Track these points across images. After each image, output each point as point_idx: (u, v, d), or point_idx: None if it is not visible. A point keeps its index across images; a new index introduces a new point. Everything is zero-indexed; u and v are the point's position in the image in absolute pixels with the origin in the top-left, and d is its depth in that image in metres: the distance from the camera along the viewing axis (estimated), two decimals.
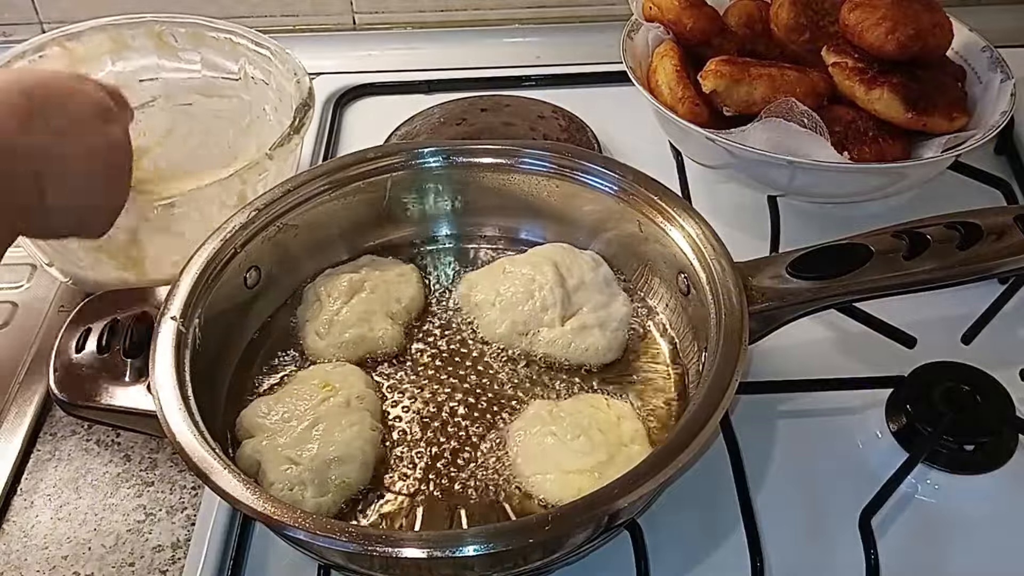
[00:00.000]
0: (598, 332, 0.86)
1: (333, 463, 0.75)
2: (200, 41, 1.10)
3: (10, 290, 1.03)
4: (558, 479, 0.75)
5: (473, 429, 0.81)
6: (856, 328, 0.90)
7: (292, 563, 0.78)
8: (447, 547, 0.63)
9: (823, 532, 0.79)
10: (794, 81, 1.00)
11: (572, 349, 0.86)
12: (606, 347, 0.86)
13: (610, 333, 0.86)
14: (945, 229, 0.82)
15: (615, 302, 0.89)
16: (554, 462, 0.76)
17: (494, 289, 0.90)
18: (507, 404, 0.83)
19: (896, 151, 0.99)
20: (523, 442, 0.78)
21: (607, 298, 0.89)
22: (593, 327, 0.86)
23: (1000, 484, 0.81)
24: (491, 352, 0.88)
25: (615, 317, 0.87)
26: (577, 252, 0.92)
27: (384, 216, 0.95)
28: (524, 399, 0.83)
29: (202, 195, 0.92)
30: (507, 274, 0.90)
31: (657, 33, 1.10)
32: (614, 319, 0.87)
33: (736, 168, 1.02)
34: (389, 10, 1.37)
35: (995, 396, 0.83)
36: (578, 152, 0.93)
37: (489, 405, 0.83)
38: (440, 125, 1.19)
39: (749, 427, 0.85)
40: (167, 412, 0.71)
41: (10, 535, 0.82)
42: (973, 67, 1.07)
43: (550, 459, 0.76)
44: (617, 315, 0.88)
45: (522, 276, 0.89)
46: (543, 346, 0.86)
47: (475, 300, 0.90)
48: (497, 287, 0.90)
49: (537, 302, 0.87)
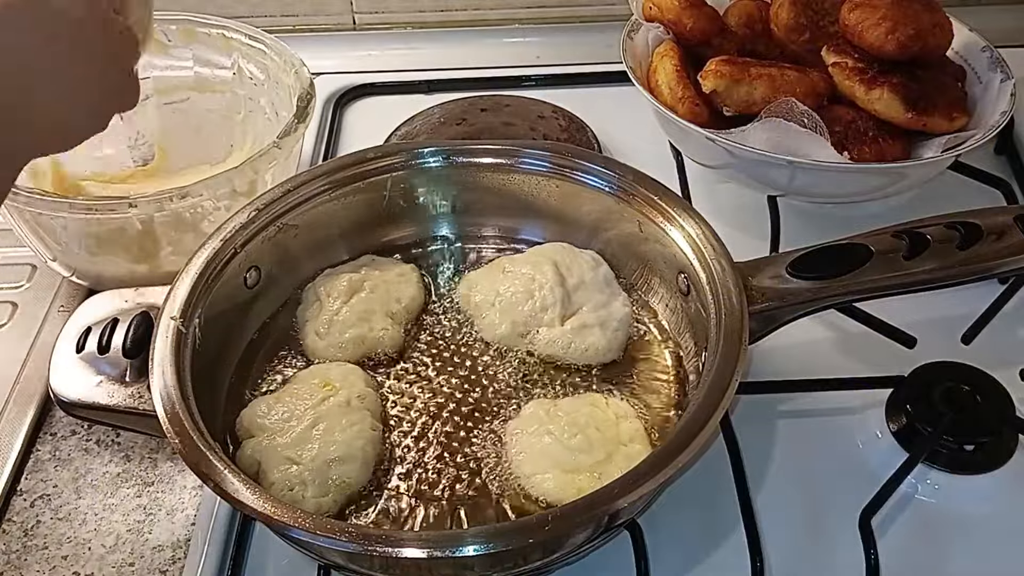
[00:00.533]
0: (598, 332, 0.86)
1: (333, 463, 0.75)
2: (192, 37, 1.10)
3: (10, 290, 1.03)
4: (557, 479, 0.75)
5: (473, 429, 0.81)
6: (856, 328, 0.90)
7: (292, 563, 0.78)
8: (447, 547, 0.63)
9: (823, 532, 0.79)
10: (794, 81, 1.00)
11: (572, 349, 0.86)
12: (606, 347, 0.86)
13: (610, 333, 0.86)
14: (945, 229, 0.82)
15: (615, 302, 0.89)
16: (552, 461, 0.76)
17: (494, 289, 0.90)
18: (507, 404, 0.83)
19: (896, 151, 0.99)
20: (521, 442, 0.78)
21: (607, 298, 0.89)
22: (593, 327, 0.86)
23: (1000, 484, 0.81)
24: (491, 352, 0.88)
25: (615, 317, 0.87)
26: (577, 251, 0.92)
27: (384, 216, 0.95)
28: (524, 399, 0.83)
29: (216, 184, 0.92)
30: (507, 274, 0.90)
31: (657, 33, 1.10)
32: (614, 319, 0.87)
33: (736, 168, 1.02)
34: (389, 10, 1.37)
35: (995, 396, 0.83)
36: (578, 152, 0.93)
37: (489, 405, 0.83)
38: (440, 125, 1.19)
39: (749, 427, 0.85)
40: (167, 412, 0.71)
41: (10, 535, 0.82)
42: (973, 67, 1.07)
43: (548, 458, 0.76)
44: (617, 315, 0.88)
45: (522, 276, 0.89)
46: (543, 346, 0.86)
47: (475, 300, 0.90)
48: (497, 287, 0.89)
49: (537, 302, 0.87)
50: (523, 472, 0.77)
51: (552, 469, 0.75)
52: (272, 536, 0.78)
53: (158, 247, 0.95)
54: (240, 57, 1.10)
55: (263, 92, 1.10)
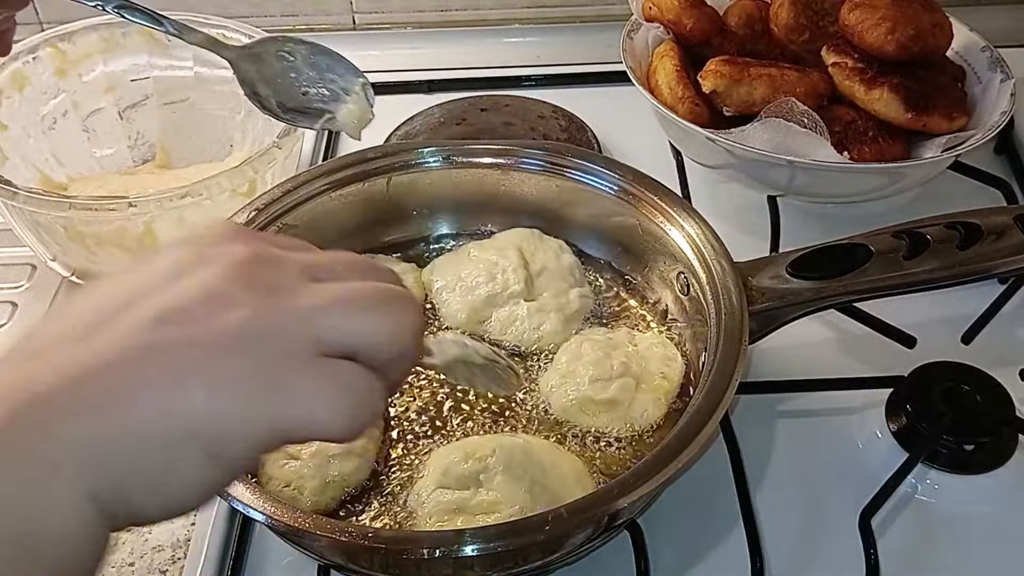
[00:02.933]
0: (554, 317, 0.86)
1: (333, 460, 0.75)
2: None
3: (10, 290, 1.03)
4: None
5: (473, 428, 0.81)
6: (856, 328, 0.90)
7: (292, 563, 0.78)
8: (447, 547, 0.63)
9: (823, 532, 0.79)
10: (794, 81, 1.00)
11: (526, 336, 0.86)
12: (562, 333, 0.86)
13: (565, 321, 0.86)
14: (945, 229, 0.81)
15: (574, 291, 0.89)
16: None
17: (456, 274, 0.90)
18: (507, 403, 0.83)
19: (896, 151, 0.99)
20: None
21: (568, 286, 0.89)
22: (549, 312, 0.86)
23: (1000, 484, 0.81)
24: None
25: (573, 307, 0.87)
26: (545, 238, 0.92)
27: (384, 216, 0.95)
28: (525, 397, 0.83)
29: (215, 184, 0.92)
30: (472, 259, 0.91)
31: (657, 33, 1.10)
32: (572, 307, 0.87)
33: (736, 168, 1.02)
34: (389, 10, 1.37)
35: (995, 396, 0.83)
36: (578, 152, 0.93)
37: (489, 404, 0.83)
38: (440, 125, 1.19)
39: (749, 427, 0.85)
40: None
41: None
42: (973, 67, 1.07)
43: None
44: (575, 304, 0.88)
45: (485, 261, 0.90)
46: (498, 331, 0.87)
47: (436, 287, 0.90)
48: (459, 272, 0.90)
49: (498, 285, 0.88)
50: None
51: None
52: (272, 536, 0.78)
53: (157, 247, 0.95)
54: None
55: None
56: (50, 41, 1.06)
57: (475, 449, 0.75)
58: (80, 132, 1.10)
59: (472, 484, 0.73)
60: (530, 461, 0.74)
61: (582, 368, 0.81)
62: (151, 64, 1.11)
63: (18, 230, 0.97)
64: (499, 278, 0.88)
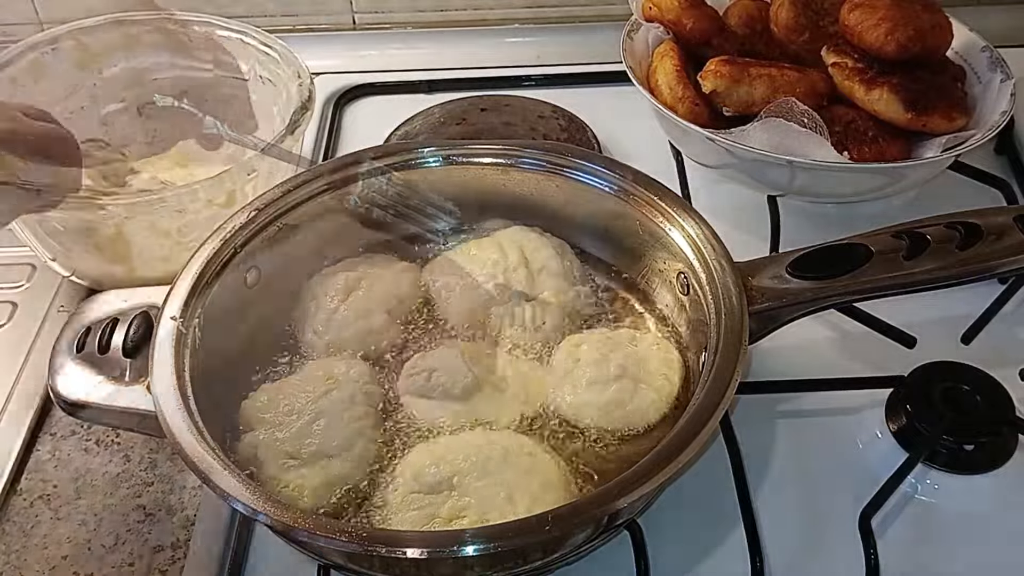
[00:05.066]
0: (554, 315, 0.87)
1: (333, 459, 0.75)
2: (212, 40, 1.10)
3: (10, 290, 1.03)
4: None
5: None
6: (856, 328, 0.90)
7: (292, 563, 0.78)
8: (447, 547, 0.63)
9: (823, 532, 0.79)
10: (794, 81, 1.00)
11: (527, 328, 0.86)
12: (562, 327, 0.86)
13: (566, 316, 0.87)
14: (945, 229, 0.82)
15: (573, 290, 0.89)
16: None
17: (456, 273, 0.90)
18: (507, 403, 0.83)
19: (896, 151, 0.99)
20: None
21: (568, 285, 0.89)
22: (552, 306, 0.87)
23: (1000, 484, 0.81)
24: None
25: (573, 306, 0.88)
26: (545, 238, 0.92)
27: (383, 216, 0.95)
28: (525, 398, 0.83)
29: (189, 193, 0.92)
30: (472, 257, 0.91)
31: (657, 33, 1.10)
32: (571, 307, 0.88)
33: (736, 168, 1.02)
34: (389, 10, 1.37)
35: (995, 396, 0.83)
36: (578, 152, 0.93)
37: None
38: (440, 125, 1.19)
39: (749, 427, 0.85)
40: (167, 412, 0.71)
41: (10, 535, 0.82)
42: (973, 67, 1.07)
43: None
44: (575, 304, 0.88)
45: (485, 260, 0.90)
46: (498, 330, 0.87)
47: (436, 285, 0.91)
48: (460, 271, 0.90)
49: (499, 284, 0.88)
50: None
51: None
52: (272, 536, 0.78)
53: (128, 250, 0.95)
54: (256, 63, 1.10)
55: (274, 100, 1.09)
56: (72, 34, 1.06)
57: (446, 452, 0.75)
58: (99, 127, 1.10)
59: (445, 488, 0.73)
60: (505, 464, 0.74)
61: (582, 368, 0.81)
62: (172, 64, 1.11)
63: (18, 230, 0.97)
64: (500, 277, 0.88)
